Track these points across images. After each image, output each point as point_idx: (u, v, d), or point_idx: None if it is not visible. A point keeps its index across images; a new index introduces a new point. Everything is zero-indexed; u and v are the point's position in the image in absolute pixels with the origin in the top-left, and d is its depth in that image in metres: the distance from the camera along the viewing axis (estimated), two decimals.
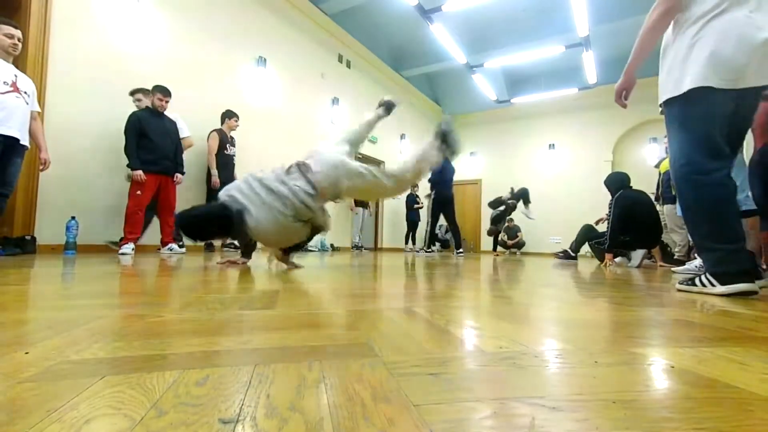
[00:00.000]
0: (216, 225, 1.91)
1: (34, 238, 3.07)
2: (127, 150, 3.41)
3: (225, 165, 4.36)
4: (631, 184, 3.93)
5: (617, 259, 4.02)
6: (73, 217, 3.21)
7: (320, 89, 6.64)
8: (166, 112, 3.72)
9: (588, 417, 0.37)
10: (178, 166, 3.78)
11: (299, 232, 2.03)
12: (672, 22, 1.54)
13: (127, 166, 3.42)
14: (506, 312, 0.97)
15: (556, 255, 5.25)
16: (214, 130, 4.38)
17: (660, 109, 1.62)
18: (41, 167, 2.91)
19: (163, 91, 3.64)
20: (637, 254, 3.84)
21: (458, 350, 0.60)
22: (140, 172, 3.41)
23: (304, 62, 6.27)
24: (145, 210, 3.55)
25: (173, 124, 3.79)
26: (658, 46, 1.62)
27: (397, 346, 0.61)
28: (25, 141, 2.70)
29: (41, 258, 2.58)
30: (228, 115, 4.51)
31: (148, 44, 4.10)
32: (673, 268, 3.15)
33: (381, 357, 0.55)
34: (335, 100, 6.91)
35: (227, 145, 4.42)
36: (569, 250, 4.85)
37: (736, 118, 1.45)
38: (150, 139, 3.51)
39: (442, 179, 5.91)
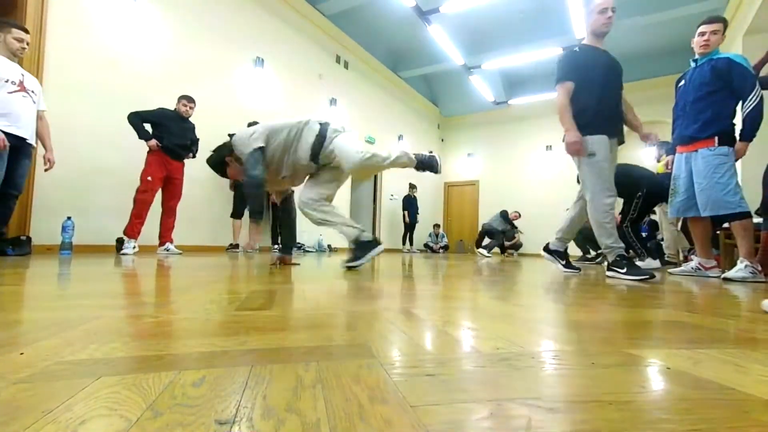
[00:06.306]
0: None
1: (29, 239, 3.05)
2: (137, 129, 3.51)
3: None
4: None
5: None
6: (69, 218, 3.19)
7: (318, 90, 6.64)
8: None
9: (584, 418, 0.37)
10: (190, 152, 3.92)
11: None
12: None
13: (140, 138, 3.51)
14: (503, 313, 0.97)
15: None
16: None
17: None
18: (46, 167, 2.91)
19: (188, 99, 3.86)
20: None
21: (455, 351, 0.60)
22: (154, 141, 3.54)
23: (301, 63, 6.26)
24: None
25: (193, 128, 3.95)
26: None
27: (394, 347, 0.61)
28: (32, 141, 2.73)
29: (37, 258, 2.56)
30: None
31: (145, 45, 4.09)
32: (669, 270, 3.17)
33: (378, 358, 0.55)
34: (333, 101, 6.91)
35: None
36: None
37: None
38: (166, 127, 3.64)
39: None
